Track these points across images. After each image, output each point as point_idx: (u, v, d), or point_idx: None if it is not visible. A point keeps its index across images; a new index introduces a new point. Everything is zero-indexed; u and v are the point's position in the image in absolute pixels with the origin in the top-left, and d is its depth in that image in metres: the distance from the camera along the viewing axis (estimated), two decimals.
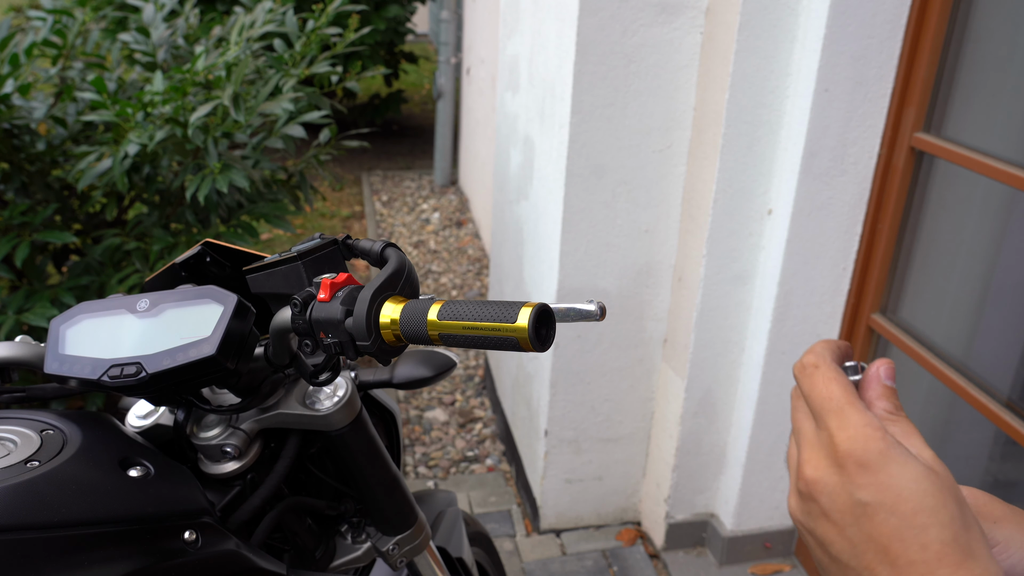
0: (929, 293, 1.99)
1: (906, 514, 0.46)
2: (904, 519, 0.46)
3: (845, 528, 0.47)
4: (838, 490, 0.48)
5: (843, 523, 0.48)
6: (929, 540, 0.46)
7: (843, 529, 0.48)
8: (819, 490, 0.49)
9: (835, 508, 0.48)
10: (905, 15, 1.80)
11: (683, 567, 2.40)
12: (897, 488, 0.47)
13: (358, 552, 1.06)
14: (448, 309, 0.70)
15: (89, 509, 0.70)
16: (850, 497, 0.47)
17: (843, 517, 0.48)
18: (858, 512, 0.47)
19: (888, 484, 0.47)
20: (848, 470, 0.48)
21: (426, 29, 9.82)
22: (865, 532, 0.47)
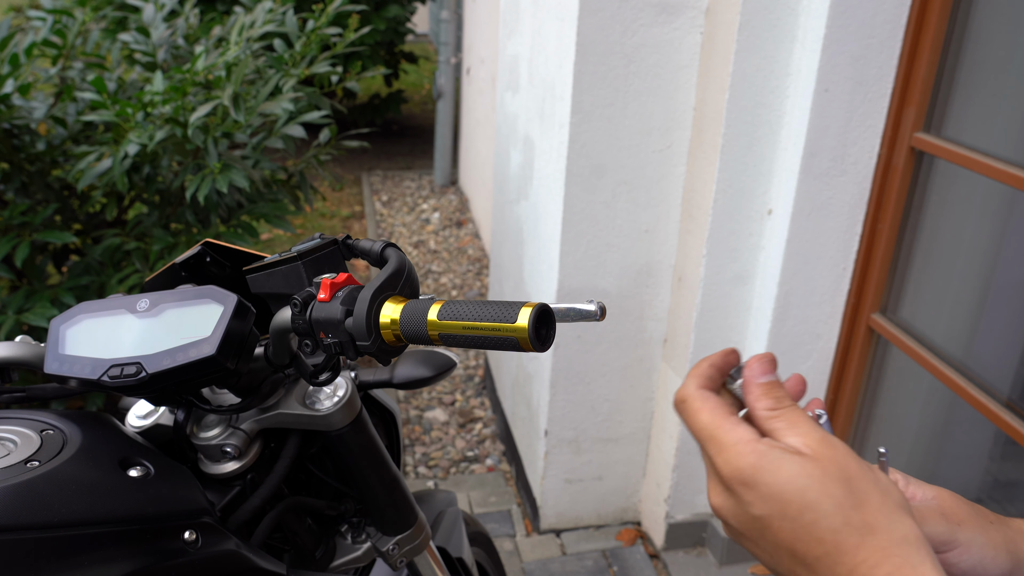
0: (929, 293, 1.99)
1: (795, 516, 0.48)
2: (795, 521, 0.48)
3: (757, 542, 0.50)
4: (736, 511, 0.50)
5: (754, 538, 0.50)
6: (821, 533, 0.48)
7: (756, 543, 0.50)
8: (724, 515, 0.51)
9: (742, 527, 0.50)
10: (905, 15, 1.80)
11: (683, 567, 2.40)
12: (778, 494, 0.49)
13: (358, 552, 1.06)
14: (448, 309, 0.70)
15: (89, 509, 0.70)
16: (747, 515, 0.50)
17: (751, 533, 0.50)
18: (758, 526, 0.50)
19: (769, 494, 0.49)
20: (736, 491, 0.50)
21: (426, 29, 9.82)
22: (771, 542, 0.49)
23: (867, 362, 2.14)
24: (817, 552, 0.48)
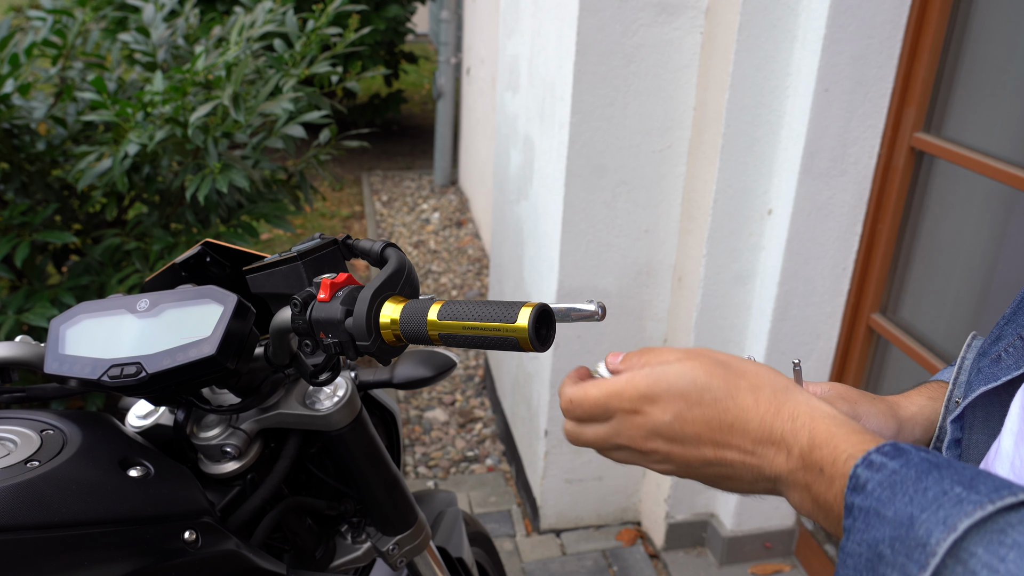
0: (929, 293, 1.99)
1: (697, 401, 0.57)
2: (700, 405, 0.58)
3: (682, 445, 0.58)
4: (656, 426, 0.58)
5: (679, 445, 0.58)
6: (725, 404, 0.57)
7: (682, 448, 0.58)
8: (653, 438, 0.58)
9: (669, 437, 0.58)
10: (905, 15, 1.80)
11: (683, 567, 2.40)
12: (677, 392, 0.58)
13: (358, 552, 1.06)
14: (448, 309, 0.70)
15: (89, 509, 0.70)
16: (663, 423, 0.58)
17: (676, 437, 0.58)
18: (677, 426, 0.58)
19: (670, 396, 0.58)
20: (645, 412, 0.59)
21: (426, 29, 9.82)
22: (691, 435, 0.58)
23: (867, 362, 2.14)
24: (727, 422, 0.57)
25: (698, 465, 0.60)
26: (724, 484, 0.61)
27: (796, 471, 0.56)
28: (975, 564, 0.42)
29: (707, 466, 0.59)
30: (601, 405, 0.62)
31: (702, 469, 0.60)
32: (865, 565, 0.48)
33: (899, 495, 0.47)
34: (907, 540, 0.45)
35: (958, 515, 0.44)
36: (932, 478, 0.47)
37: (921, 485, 0.47)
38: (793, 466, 0.56)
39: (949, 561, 0.43)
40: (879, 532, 0.47)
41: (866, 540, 0.48)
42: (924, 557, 0.44)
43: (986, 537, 0.42)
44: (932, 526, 0.44)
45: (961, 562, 0.43)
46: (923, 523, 0.45)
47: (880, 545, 0.47)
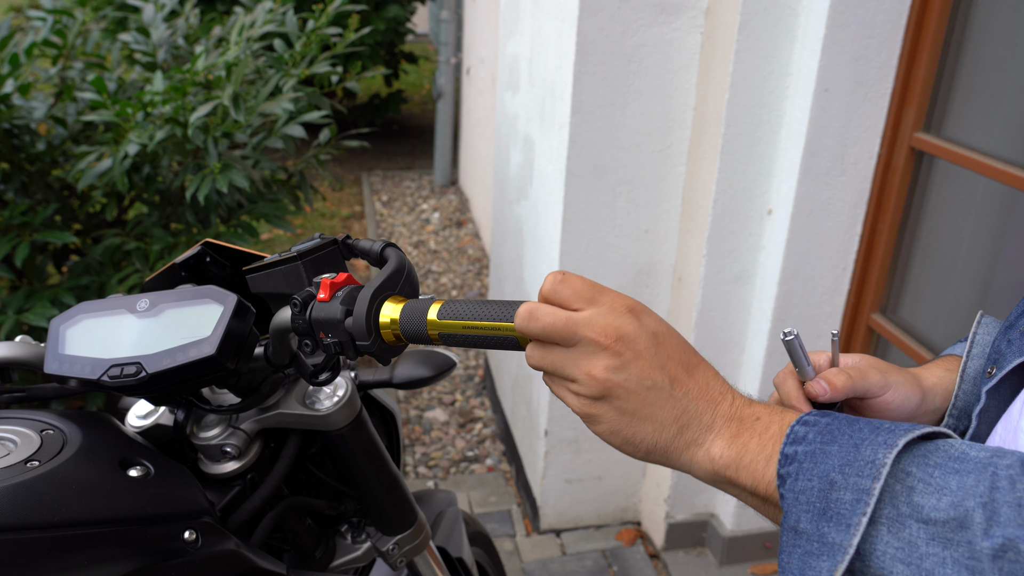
0: (929, 293, 1.99)
1: (676, 335, 0.64)
2: (677, 338, 0.64)
3: (652, 357, 0.61)
4: (639, 331, 0.61)
5: (649, 354, 0.61)
6: (691, 351, 0.64)
7: (651, 359, 0.61)
8: (628, 338, 0.61)
9: (641, 345, 0.61)
10: (905, 15, 1.80)
11: (683, 567, 2.40)
12: (660, 320, 0.64)
13: (358, 552, 1.06)
14: (448, 309, 0.70)
15: (89, 509, 0.70)
16: (647, 332, 0.62)
17: (648, 349, 0.61)
18: (655, 341, 0.62)
19: (659, 318, 0.64)
20: (638, 314, 0.62)
21: (426, 29, 9.82)
22: (664, 353, 0.62)
23: None
24: (694, 361, 0.63)
25: (657, 376, 0.61)
26: (653, 428, 0.62)
27: (731, 420, 0.62)
28: (911, 481, 0.51)
29: (656, 391, 0.61)
30: (582, 296, 0.63)
31: (654, 394, 0.61)
32: (818, 496, 0.54)
33: (838, 436, 0.55)
34: (856, 462, 0.53)
35: (895, 438, 0.53)
36: (860, 424, 0.56)
37: (854, 427, 0.56)
38: (732, 412, 0.62)
39: (891, 480, 0.52)
40: (827, 464, 0.54)
41: (816, 474, 0.54)
42: (874, 470, 0.52)
43: (916, 459, 0.52)
44: (876, 447, 0.53)
45: (900, 480, 0.51)
46: (867, 445, 0.53)
47: (831, 473, 0.53)
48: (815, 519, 0.53)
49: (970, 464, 0.50)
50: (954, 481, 0.49)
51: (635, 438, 0.62)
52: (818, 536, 0.53)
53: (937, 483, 0.50)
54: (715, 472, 0.61)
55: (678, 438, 0.62)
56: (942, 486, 0.50)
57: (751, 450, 0.60)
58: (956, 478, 0.50)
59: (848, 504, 0.52)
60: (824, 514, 0.53)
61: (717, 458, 0.61)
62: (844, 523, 0.52)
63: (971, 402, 0.79)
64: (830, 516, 0.53)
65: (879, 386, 0.77)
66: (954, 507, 0.48)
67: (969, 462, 0.50)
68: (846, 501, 0.52)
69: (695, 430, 0.62)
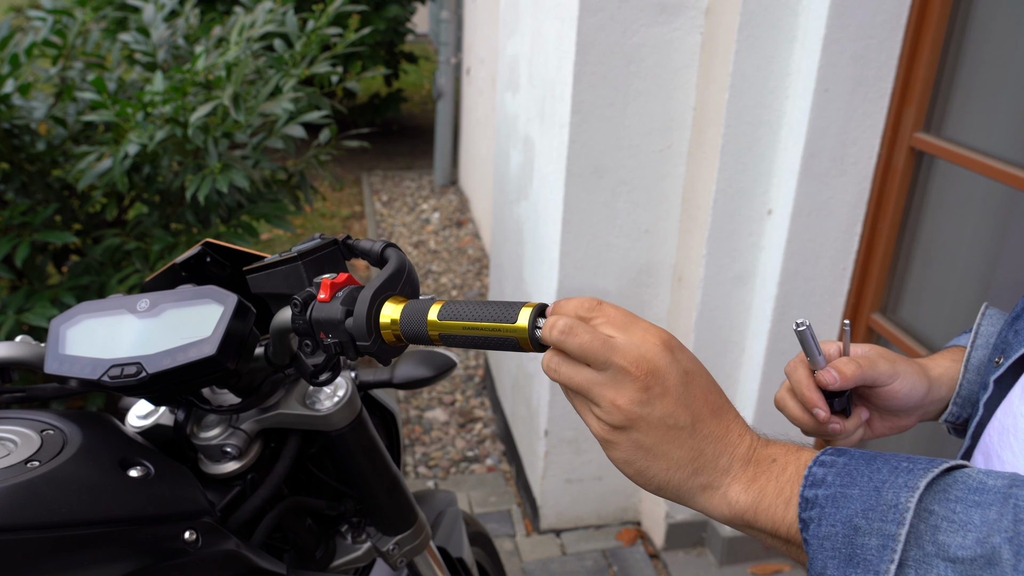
0: (929, 293, 1.99)
1: (705, 374, 0.63)
2: (706, 377, 0.63)
3: (680, 396, 0.61)
4: (671, 367, 0.60)
5: (677, 392, 0.60)
6: (718, 392, 0.63)
7: (677, 397, 0.60)
8: (659, 373, 0.60)
9: (670, 382, 0.60)
10: (905, 15, 1.80)
11: (683, 567, 2.40)
12: (693, 359, 0.63)
13: (358, 552, 1.06)
14: (448, 309, 0.70)
15: (89, 509, 0.70)
16: (680, 369, 0.61)
17: (676, 387, 0.60)
18: (686, 380, 0.61)
19: (692, 356, 0.63)
20: (673, 349, 0.61)
21: (426, 29, 9.82)
22: (693, 392, 0.61)
23: None
24: (719, 403, 0.63)
25: (674, 423, 0.61)
26: (678, 470, 0.61)
27: (748, 463, 0.61)
28: (935, 520, 0.51)
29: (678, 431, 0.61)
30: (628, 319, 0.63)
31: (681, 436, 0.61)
32: (843, 542, 0.53)
33: (857, 478, 0.55)
34: (878, 507, 0.52)
35: (915, 478, 0.52)
36: (878, 462, 0.55)
37: (873, 467, 0.55)
38: (748, 454, 0.62)
39: (914, 520, 0.51)
40: (849, 509, 0.54)
41: (839, 519, 0.54)
42: (898, 514, 0.51)
43: (937, 496, 0.52)
44: (897, 490, 0.52)
45: (923, 519, 0.51)
46: (888, 489, 0.53)
47: (855, 519, 0.53)
48: (842, 566, 0.53)
49: (990, 495, 0.50)
50: (977, 516, 0.50)
51: (647, 472, 0.62)
52: None
53: (960, 519, 0.50)
54: (733, 516, 0.61)
55: (692, 479, 0.62)
56: (965, 522, 0.50)
57: (769, 494, 0.60)
58: (978, 512, 0.50)
59: (874, 550, 0.52)
60: (851, 560, 0.53)
61: (735, 503, 0.61)
62: (872, 570, 0.52)
63: (974, 391, 0.80)
64: (857, 563, 0.52)
65: (887, 375, 0.78)
66: (980, 544, 0.48)
67: (988, 493, 0.50)
68: (872, 547, 0.52)
69: (710, 473, 0.61)
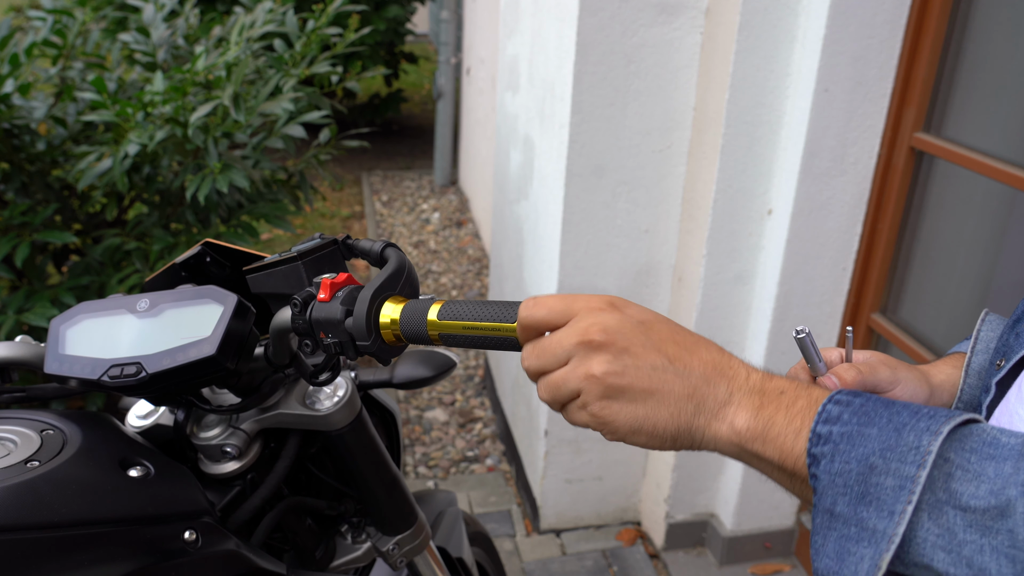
0: (929, 293, 1.99)
1: (666, 321, 0.64)
2: (668, 323, 0.63)
3: (644, 343, 0.61)
4: (623, 322, 0.62)
5: (640, 341, 0.61)
6: (685, 333, 0.63)
7: (643, 344, 0.61)
8: (612, 330, 0.61)
9: (628, 333, 0.61)
10: (905, 15, 1.80)
11: (683, 567, 2.40)
12: (645, 310, 0.64)
13: (358, 552, 1.06)
14: (448, 309, 0.70)
15: (89, 509, 0.70)
16: (633, 321, 0.62)
17: (638, 337, 0.61)
18: (643, 328, 0.62)
19: (644, 308, 0.64)
20: (619, 308, 0.63)
21: (426, 29, 9.82)
22: (655, 337, 0.62)
23: None
24: (691, 340, 0.63)
25: (657, 369, 0.61)
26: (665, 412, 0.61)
27: (751, 393, 0.60)
28: (949, 467, 0.50)
29: (663, 372, 0.61)
30: (560, 311, 0.64)
31: (657, 378, 0.61)
32: (856, 479, 0.53)
33: (876, 419, 0.54)
34: (898, 447, 0.52)
35: (937, 424, 0.52)
36: (898, 407, 0.54)
37: (892, 410, 0.54)
38: (751, 386, 0.61)
39: (937, 461, 0.51)
40: (866, 448, 0.53)
41: (855, 456, 0.53)
42: (919, 456, 0.51)
43: (953, 445, 0.51)
44: (919, 433, 0.52)
45: (938, 466, 0.51)
46: (910, 431, 0.52)
47: (871, 457, 0.52)
48: (853, 503, 0.53)
49: (1005, 451, 0.49)
50: (991, 468, 0.49)
51: (656, 427, 0.61)
52: (856, 520, 0.52)
53: (975, 469, 0.49)
54: (740, 445, 0.60)
55: (697, 416, 0.61)
56: (980, 473, 0.49)
57: (778, 423, 0.59)
58: (993, 465, 0.49)
59: (890, 490, 0.51)
60: (863, 498, 0.52)
61: (743, 430, 0.60)
62: (887, 510, 0.51)
63: (975, 395, 0.80)
64: (869, 501, 0.52)
65: (888, 382, 0.78)
66: (994, 495, 0.48)
67: (1003, 448, 0.50)
68: (888, 487, 0.51)
69: (712, 405, 0.61)
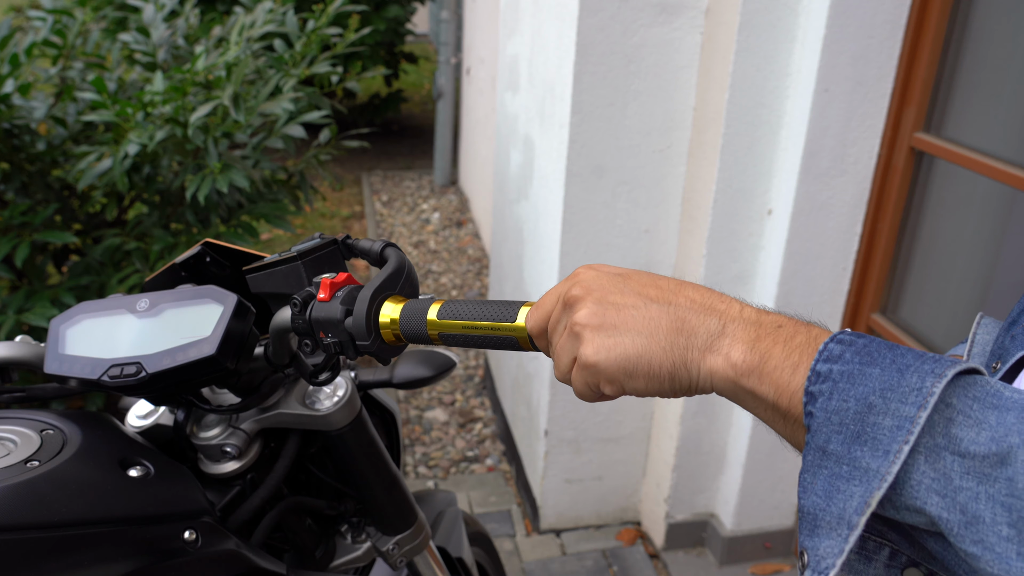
0: (929, 293, 1.99)
1: (641, 272, 0.64)
2: (645, 273, 0.64)
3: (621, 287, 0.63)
4: (597, 273, 0.64)
5: (616, 286, 0.63)
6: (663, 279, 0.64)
7: (621, 288, 0.63)
8: (586, 281, 0.64)
9: (604, 280, 0.63)
10: (905, 15, 1.80)
11: (683, 567, 2.40)
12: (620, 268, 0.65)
13: (358, 552, 1.06)
14: (448, 309, 0.70)
15: (89, 509, 0.70)
16: (605, 273, 0.64)
17: (612, 283, 0.63)
18: (621, 279, 0.63)
19: (618, 267, 0.65)
20: (592, 267, 0.65)
21: (426, 29, 9.82)
22: (635, 283, 0.63)
23: None
24: (674, 283, 0.63)
25: (632, 304, 0.61)
26: (656, 345, 0.60)
27: (745, 326, 0.59)
28: (950, 412, 0.49)
29: (646, 309, 0.61)
30: (554, 288, 0.66)
31: (640, 315, 0.60)
32: (853, 418, 0.51)
33: (878, 359, 0.52)
34: (899, 388, 0.50)
35: (942, 368, 0.50)
36: (901, 349, 0.53)
37: (896, 352, 0.52)
38: (746, 319, 0.59)
39: (939, 405, 0.49)
40: (866, 387, 0.51)
41: (853, 395, 0.52)
42: (921, 398, 0.49)
43: (956, 391, 0.49)
44: (923, 375, 0.50)
45: (939, 411, 0.49)
46: (913, 372, 0.50)
47: (870, 396, 0.51)
48: (847, 441, 0.51)
49: (1008, 402, 0.48)
50: (993, 416, 0.48)
51: (651, 365, 0.60)
52: (849, 459, 0.51)
53: (977, 416, 0.48)
54: (735, 379, 0.58)
55: (690, 350, 0.59)
56: (981, 420, 0.48)
57: (775, 356, 0.57)
58: (995, 414, 0.48)
59: (887, 430, 0.50)
60: (858, 438, 0.51)
61: (739, 363, 0.57)
62: (882, 449, 0.50)
63: None
64: (865, 440, 0.50)
65: None
66: (995, 442, 0.47)
67: (1006, 400, 0.48)
68: (885, 427, 0.50)
69: (704, 337, 0.59)
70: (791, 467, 2.29)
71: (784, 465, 2.27)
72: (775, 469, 2.27)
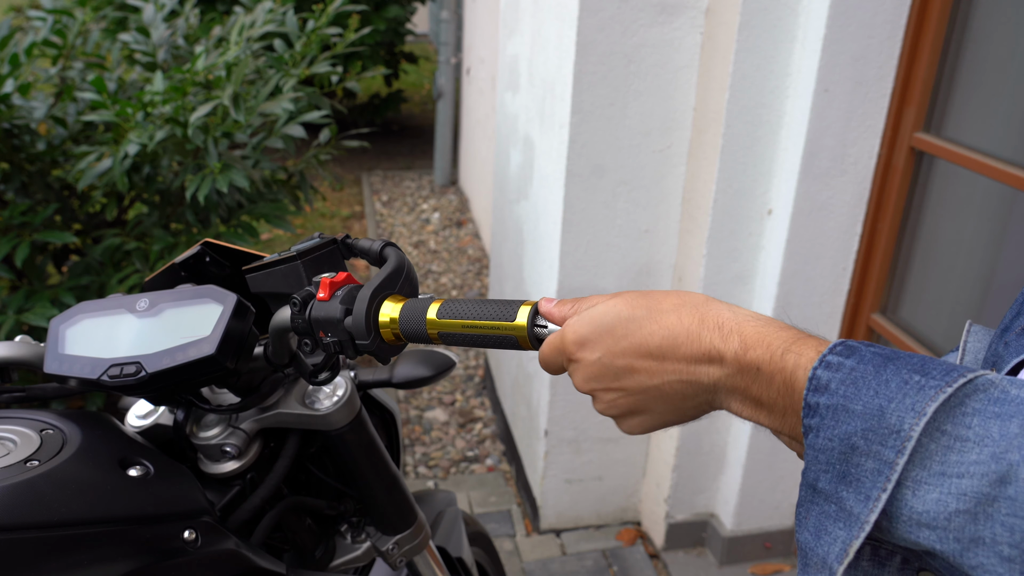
0: (929, 293, 1.99)
1: (624, 333, 0.62)
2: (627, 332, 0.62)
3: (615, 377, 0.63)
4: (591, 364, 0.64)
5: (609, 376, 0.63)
6: (651, 328, 0.61)
7: (614, 379, 0.63)
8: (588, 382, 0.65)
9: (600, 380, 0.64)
10: (905, 15, 1.80)
11: (683, 567, 2.40)
12: (601, 327, 0.63)
13: (358, 552, 1.06)
14: (447, 308, 0.70)
15: (89, 509, 0.70)
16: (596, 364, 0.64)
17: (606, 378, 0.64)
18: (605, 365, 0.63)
19: (596, 336, 0.63)
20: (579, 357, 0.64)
21: (426, 29, 9.82)
22: (622, 353, 0.62)
23: None
24: (656, 344, 0.61)
25: (640, 393, 0.63)
26: (671, 413, 0.63)
27: (733, 376, 0.59)
28: (946, 440, 0.47)
29: (647, 393, 0.62)
30: (554, 360, 0.67)
31: (646, 399, 0.63)
32: (838, 458, 0.51)
33: (863, 390, 0.50)
34: (879, 429, 0.49)
35: (924, 400, 0.48)
36: (890, 371, 0.50)
37: (881, 378, 0.50)
38: (730, 371, 0.59)
39: (924, 439, 0.47)
40: (849, 426, 0.50)
41: (837, 435, 0.51)
42: (899, 442, 0.48)
43: (950, 414, 0.47)
44: (903, 413, 0.48)
45: (934, 440, 0.47)
46: (893, 412, 0.48)
47: (853, 437, 0.50)
48: (834, 481, 0.51)
49: (1012, 407, 0.46)
50: (996, 428, 0.46)
51: (670, 423, 0.65)
52: (836, 499, 0.51)
53: (977, 434, 0.46)
54: (746, 420, 0.61)
55: (699, 407, 0.63)
56: (983, 436, 0.46)
57: (765, 403, 0.58)
58: (998, 424, 0.46)
59: (869, 473, 0.49)
60: (844, 478, 0.51)
61: (743, 414, 0.60)
62: (863, 493, 0.49)
63: None
64: (850, 481, 0.50)
65: None
66: (995, 459, 0.45)
67: (1011, 404, 0.46)
68: (867, 469, 0.49)
69: (705, 398, 0.62)
70: (791, 467, 2.29)
71: (784, 465, 2.27)
72: (775, 469, 2.27)
